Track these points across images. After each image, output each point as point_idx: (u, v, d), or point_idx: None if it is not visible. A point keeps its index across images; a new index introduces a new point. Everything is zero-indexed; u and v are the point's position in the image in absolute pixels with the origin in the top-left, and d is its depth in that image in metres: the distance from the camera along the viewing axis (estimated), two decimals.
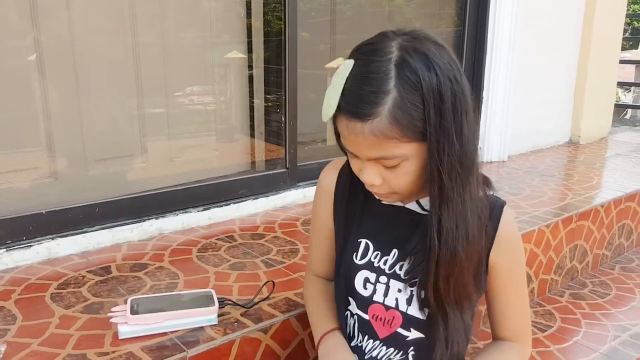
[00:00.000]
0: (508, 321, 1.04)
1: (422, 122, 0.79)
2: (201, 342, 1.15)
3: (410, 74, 0.78)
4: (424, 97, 0.78)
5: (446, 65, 0.80)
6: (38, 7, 1.64)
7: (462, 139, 0.81)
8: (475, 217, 0.87)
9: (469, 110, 0.83)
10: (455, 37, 2.84)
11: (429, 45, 0.80)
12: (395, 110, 0.78)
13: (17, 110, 1.65)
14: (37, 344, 1.15)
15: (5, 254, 1.53)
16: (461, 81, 0.81)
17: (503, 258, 0.96)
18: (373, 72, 0.79)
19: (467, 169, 0.84)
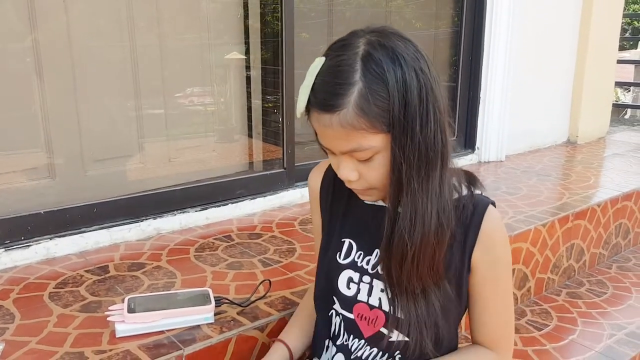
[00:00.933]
0: (486, 327, 1.00)
1: (388, 113, 0.81)
2: (198, 340, 1.16)
3: (375, 67, 0.80)
4: (388, 88, 0.79)
5: (412, 58, 0.82)
6: (36, 9, 1.65)
7: (427, 130, 0.82)
8: (436, 212, 0.86)
9: (437, 103, 0.83)
10: (452, 37, 2.85)
11: (395, 40, 0.83)
12: (360, 101, 0.80)
13: (15, 111, 1.66)
14: (35, 342, 1.15)
15: (4, 253, 1.54)
16: (428, 73, 0.83)
17: (484, 257, 0.94)
18: (340, 65, 0.82)
19: (431, 162, 0.84)
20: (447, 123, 0.86)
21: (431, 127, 0.82)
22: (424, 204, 0.85)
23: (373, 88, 0.80)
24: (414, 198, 0.85)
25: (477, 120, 2.86)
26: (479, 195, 0.95)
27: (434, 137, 0.83)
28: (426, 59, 0.84)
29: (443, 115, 0.85)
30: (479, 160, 2.88)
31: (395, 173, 0.84)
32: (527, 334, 1.73)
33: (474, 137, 2.88)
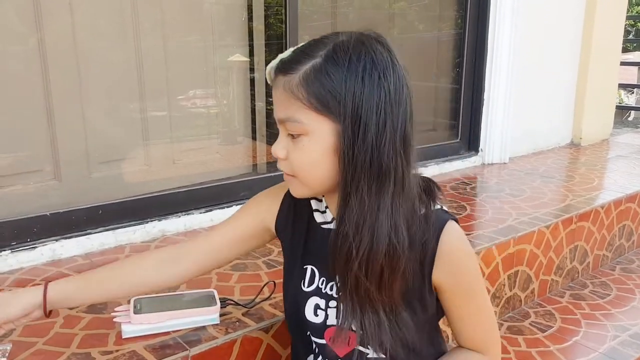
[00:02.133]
0: (468, 338, 0.99)
1: (333, 99, 0.79)
2: (203, 341, 1.16)
3: (342, 54, 0.79)
4: (345, 76, 0.78)
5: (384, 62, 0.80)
6: (42, 11, 1.66)
7: (381, 144, 0.79)
8: (386, 229, 0.82)
9: (395, 123, 0.80)
10: (456, 39, 2.86)
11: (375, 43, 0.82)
12: (309, 73, 0.80)
13: (21, 113, 1.67)
14: (42, 343, 1.16)
15: (10, 255, 1.55)
16: (393, 93, 0.80)
17: (447, 278, 0.91)
18: (314, 41, 0.84)
19: (384, 173, 0.81)
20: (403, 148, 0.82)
21: (385, 142, 0.79)
22: (373, 220, 0.82)
23: (328, 69, 0.79)
24: (361, 211, 0.81)
25: (481, 122, 2.86)
26: (438, 212, 0.91)
27: (387, 153, 0.80)
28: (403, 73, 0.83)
29: (400, 139, 0.81)
30: (483, 162, 2.88)
31: (342, 177, 0.82)
32: (530, 336, 1.73)
33: (478, 139, 2.88)
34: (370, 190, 0.81)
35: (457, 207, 2.13)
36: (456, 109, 2.89)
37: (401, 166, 0.82)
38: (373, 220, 0.82)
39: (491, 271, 1.78)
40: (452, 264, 0.90)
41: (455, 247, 0.91)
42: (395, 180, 0.82)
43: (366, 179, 0.81)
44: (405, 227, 0.84)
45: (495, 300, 1.82)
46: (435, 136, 2.90)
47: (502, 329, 1.78)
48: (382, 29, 2.70)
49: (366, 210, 0.82)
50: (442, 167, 2.71)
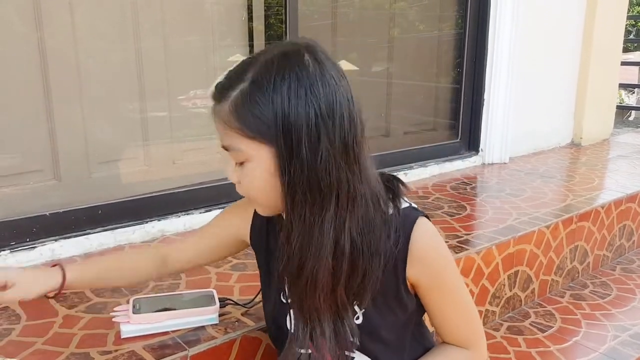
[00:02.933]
0: (449, 331, 0.99)
1: (264, 125, 0.78)
2: (202, 341, 1.16)
3: (266, 74, 0.78)
4: (272, 99, 0.77)
5: (310, 77, 0.78)
6: (42, 11, 1.66)
7: (317, 162, 0.78)
8: (330, 246, 0.82)
9: (331, 139, 0.79)
10: (456, 39, 2.86)
11: (302, 55, 0.79)
12: (237, 102, 0.79)
13: (20, 113, 1.67)
14: (41, 343, 1.16)
15: (9, 255, 1.55)
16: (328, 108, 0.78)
17: (421, 275, 0.91)
18: (246, 61, 0.82)
19: (325, 190, 0.80)
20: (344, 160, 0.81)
21: (321, 159, 0.78)
22: (315, 241, 0.82)
23: (254, 95, 0.78)
24: (304, 232, 0.82)
25: (481, 122, 2.86)
26: (407, 210, 0.91)
27: (325, 169, 0.79)
28: (343, 90, 0.81)
29: (341, 151, 0.80)
30: (483, 162, 2.88)
31: (284, 199, 0.82)
32: (530, 336, 1.73)
33: (478, 138, 2.88)
34: (311, 209, 0.81)
35: (457, 207, 2.13)
36: (456, 108, 2.88)
37: (346, 179, 0.81)
38: (316, 239, 0.82)
39: (491, 271, 1.77)
40: (425, 261, 0.90)
41: (427, 244, 0.91)
42: (339, 194, 0.81)
43: (306, 198, 0.80)
44: (362, 236, 0.84)
45: (495, 300, 1.82)
46: (435, 136, 2.89)
47: (502, 329, 1.77)
48: (381, 29, 2.71)
49: (308, 229, 0.82)
50: (442, 167, 2.71)
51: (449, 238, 1.79)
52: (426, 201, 2.21)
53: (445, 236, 1.81)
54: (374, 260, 0.86)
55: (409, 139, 2.82)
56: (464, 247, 1.72)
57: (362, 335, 0.93)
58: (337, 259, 0.83)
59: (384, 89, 2.72)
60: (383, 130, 2.76)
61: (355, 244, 0.84)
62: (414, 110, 2.91)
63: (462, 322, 0.99)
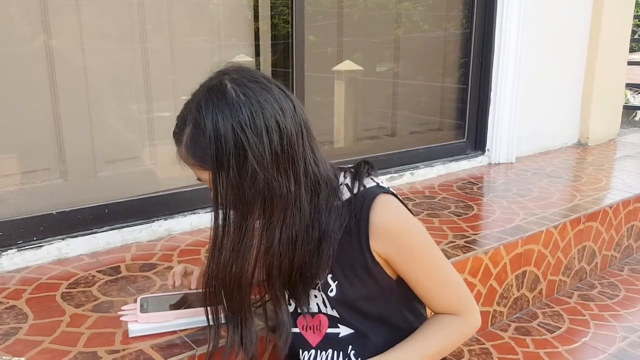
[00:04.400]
0: (433, 300, 1.03)
1: (207, 156, 0.88)
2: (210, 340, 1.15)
3: (199, 114, 0.89)
4: (207, 134, 0.87)
5: (231, 103, 0.87)
6: (49, 12, 1.66)
7: (244, 177, 0.87)
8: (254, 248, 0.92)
9: (257, 153, 0.87)
10: (462, 39, 2.85)
11: (223, 84, 0.89)
12: (187, 142, 0.91)
13: (27, 113, 1.67)
14: (48, 342, 1.16)
15: (17, 254, 1.55)
16: (252, 125, 0.87)
17: (387, 248, 0.96)
18: (185, 106, 0.94)
19: (250, 205, 0.89)
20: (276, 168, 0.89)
21: (249, 173, 0.87)
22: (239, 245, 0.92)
23: (195, 132, 0.89)
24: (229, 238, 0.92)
25: (488, 122, 2.85)
26: (369, 190, 0.97)
27: (254, 182, 0.87)
28: (255, 112, 0.87)
29: (272, 162, 0.88)
30: (489, 162, 2.87)
31: (215, 210, 0.92)
32: (539, 337, 1.72)
33: (484, 138, 2.87)
34: (237, 219, 0.91)
35: (464, 207, 2.12)
36: (463, 108, 2.88)
37: (278, 185, 0.89)
38: (243, 245, 0.92)
39: (499, 271, 1.76)
40: (387, 234, 0.95)
41: (385, 218, 0.95)
42: (266, 201, 0.90)
43: (232, 209, 0.91)
44: (301, 231, 0.93)
45: (503, 300, 1.81)
46: (441, 136, 2.88)
47: (510, 330, 1.76)
48: (387, 29, 2.70)
49: (235, 237, 0.92)
50: (448, 166, 2.70)
51: (457, 238, 1.78)
52: (433, 201, 2.20)
53: (453, 236, 1.80)
54: (322, 245, 0.95)
55: (415, 139, 2.81)
56: (471, 247, 1.71)
57: (339, 307, 1.01)
58: (270, 258, 0.93)
59: (390, 88, 2.71)
60: (389, 130, 2.75)
61: (293, 241, 0.93)
62: (420, 110, 2.90)
63: (444, 290, 1.02)
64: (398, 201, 0.99)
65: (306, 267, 0.97)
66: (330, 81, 2.50)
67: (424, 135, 2.87)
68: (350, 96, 2.60)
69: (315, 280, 1.00)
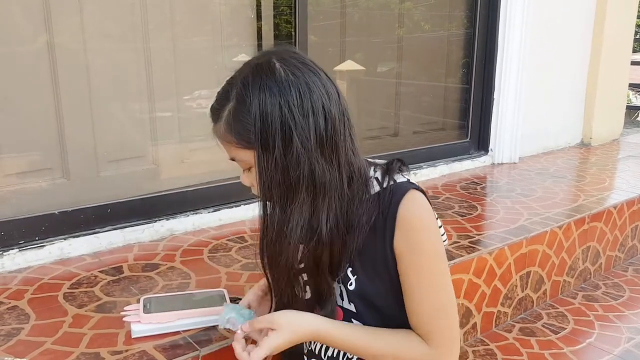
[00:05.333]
0: (413, 316, 0.96)
1: (252, 134, 0.87)
2: (214, 341, 1.15)
3: (244, 90, 0.87)
4: (251, 110, 0.86)
5: (286, 90, 0.86)
6: (51, 12, 1.65)
7: (289, 157, 0.87)
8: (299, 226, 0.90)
9: (303, 135, 0.86)
10: (465, 39, 2.84)
11: (273, 65, 0.88)
12: (229, 118, 0.89)
13: (30, 112, 1.66)
14: (50, 343, 1.15)
15: (18, 254, 1.54)
16: (299, 106, 0.86)
17: (404, 245, 0.94)
18: (229, 82, 0.92)
19: (294, 186, 0.88)
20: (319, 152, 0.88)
21: (294, 155, 0.86)
22: (285, 227, 0.90)
23: (239, 110, 0.88)
24: (274, 219, 0.92)
25: (491, 122, 2.84)
26: (400, 184, 0.97)
27: (299, 164, 0.87)
28: (304, 94, 0.87)
29: (316, 145, 0.88)
30: (492, 162, 2.86)
31: (260, 189, 0.90)
32: (543, 337, 1.71)
33: (487, 138, 2.86)
34: (282, 200, 0.90)
35: (468, 207, 2.11)
36: (466, 108, 2.87)
37: (322, 170, 0.88)
38: (289, 227, 0.90)
39: (503, 272, 1.75)
40: (409, 230, 0.93)
41: (413, 214, 0.94)
42: (309, 184, 0.89)
43: (277, 191, 0.89)
44: (337, 218, 0.92)
45: (507, 301, 1.80)
46: (444, 136, 2.87)
47: (514, 331, 1.75)
48: (390, 28, 2.68)
49: (281, 218, 0.91)
50: (451, 166, 2.69)
51: (461, 238, 1.77)
52: (436, 201, 2.19)
53: (457, 236, 1.79)
54: (348, 237, 0.94)
55: (418, 139, 2.80)
56: (476, 247, 1.70)
57: (357, 302, 0.99)
58: (312, 244, 0.91)
59: (393, 88, 2.70)
60: (392, 129, 2.74)
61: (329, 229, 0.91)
62: (423, 110, 2.89)
63: (428, 313, 0.95)
64: (426, 200, 0.97)
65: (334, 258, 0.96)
66: None
67: (427, 135, 2.86)
68: (352, 96, 2.59)
69: (336, 271, 0.98)
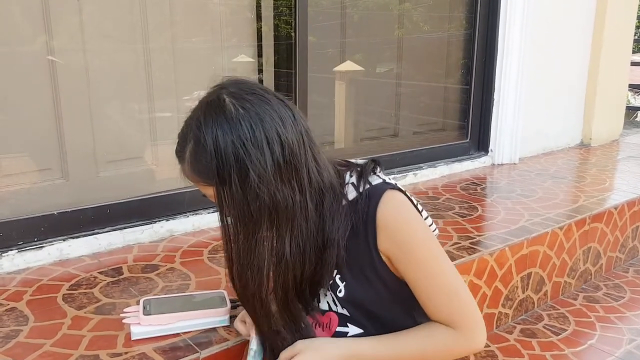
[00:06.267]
0: (430, 307, 0.97)
1: (211, 171, 0.88)
2: (214, 343, 1.14)
3: (199, 132, 0.89)
4: (209, 150, 0.87)
5: (231, 118, 0.87)
6: (50, 12, 1.64)
7: (247, 191, 0.87)
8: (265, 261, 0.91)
9: (256, 166, 0.86)
10: (465, 40, 2.83)
11: (222, 100, 0.89)
12: (190, 158, 0.91)
13: (29, 113, 1.65)
14: (49, 345, 1.14)
15: (17, 255, 1.53)
16: (252, 138, 0.86)
17: (391, 247, 0.95)
18: (186, 122, 0.94)
19: (255, 219, 0.89)
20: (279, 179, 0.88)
21: (252, 187, 0.86)
22: (250, 259, 0.91)
23: (196, 148, 0.89)
24: (238, 253, 0.92)
25: (491, 123, 2.84)
26: (375, 186, 0.97)
27: (257, 196, 0.87)
28: (255, 125, 0.87)
29: (275, 173, 0.88)
30: (493, 163, 2.86)
31: (222, 225, 0.92)
32: (544, 339, 1.70)
33: (487, 139, 2.85)
34: (245, 234, 0.90)
35: (468, 208, 2.11)
36: (466, 109, 2.86)
37: (283, 196, 0.88)
38: (252, 260, 0.91)
39: (504, 273, 1.75)
40: (392, 232, 0.94)
41: (390, 213, 0.95)
42: (272, 213, 0.89)
43: (238, 224, 0.90)
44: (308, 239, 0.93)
45: (508, 302, 1.79)
46: (444, 136, 2.87)
47: (516, 332, 1.75)
48: (390, 29, 2.68)
49: (244, 253, 0.91)
50: (451, 167, 2.68)
51: (461, 239, 1.77)
52: (436, 202, 2.19)
53: (458, 237, 1.78)
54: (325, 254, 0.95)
55: (418, 140, 2.79)
56: (476, 248, 1.69)
57: (348, 307, 1.00)
58: (281, 271, 0.92)
59: (393, 89, 2.70)
60: (392, 130, 2.74)
61: (295, 253, 0.92)
62: (423, 111, 2.89)
63: (440, 297, 0.96)
64: (404, 196, 0.98)
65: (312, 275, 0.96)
66: (331, 82, 2.49)
67: (427, 135, 2.85)
68: (352, 97, 2.59)
69: (319, 287, 0.99)
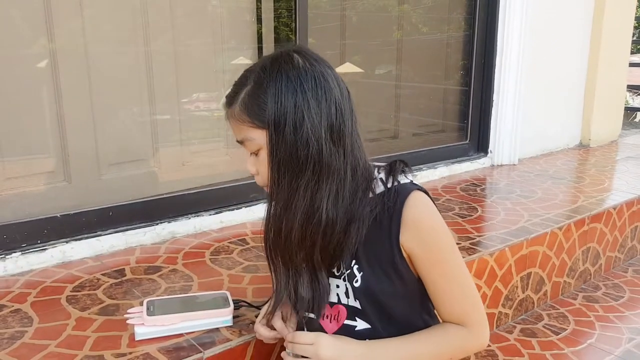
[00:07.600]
0: (445, 306, 1.02)
1: (264, 112, 0.93)
2: (217, 343, 1.15)
3: (263, 74, 0.94)
4: (269, 92, 0.92)
5: (298, 71, 0.93)
6: (52, 15, 1.65)
7: (299, 138, 0.91)
8: (303, 213, 0.94)
9: (312, 118, 0.91)
10: (464, 41, 2.84)
11: (291, 56, 0.95)
12: (245, 99, 0.95)
13: (32, 115, 1.66)
14: (54, 346, 1.15)
15: (21, 257, 1.54)
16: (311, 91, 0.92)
17: (414, 243, 0.98)
18: (247, 70, 0.98)
19: (302, 165, 0.92)
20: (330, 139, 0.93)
21: (304, 135, 0.91)
22: (292, 201, 0.94)
23: (256, 92, 0.94)
24: (282, 195, 0.95)
25: (490, 124, 2.85)
26: (404, 184, 1.00)
27: (307, 145, 0.91)
28: (318, 83, 0.93)
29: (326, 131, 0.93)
30: (492, 164, 2.87)
31: (270, 166, 0.95)
32: (544, 338, 1.71)
33: (487, 140, 2.86)
34: (290, 177, 0.93)
35: (468, 209, 2.12)
36: (465, 110, 2.87)
37: (328, 152, 0.93)
38: (294, 203, 0.94)
39: (504, 273, 1.76)
40: (417, 230, 0.97)
41: (419, 214, 0.98)
42: (315, 164, 0.92)
43: (285, 168, 0.93)
44: (336, 206, 0.95)
45: (508, 302, 1.80)
46: (444, 138, 2.88)
47: (515, 332, 1.76)
48: (389, 31, 2.69)
49: (287, 195, 0.94)
50: (451, 168, 2.70)
51: (461, 240, 1.78)
52: (437, 203, 2.18)
53: (458, 238, 1.80)
54: (350, 227, 0.97)
55: (418, 141, 2.81)
56: (476, 248, 1.70)
57: (362, 299, 1.01)
58: (313, 223, 0.95)
59: (392, 90, 2.71)
60: (392, 131, 2.75)
61: (330, 212, 0.95)
62: (422, 112, 2.90)
63: (456, 297, 1.01)
64: (431, 200, 1.01)
65: (337, 243, 0.98)
66: None
67: (427, 137, 2.87)
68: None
69: (337, 260, 1.01)
